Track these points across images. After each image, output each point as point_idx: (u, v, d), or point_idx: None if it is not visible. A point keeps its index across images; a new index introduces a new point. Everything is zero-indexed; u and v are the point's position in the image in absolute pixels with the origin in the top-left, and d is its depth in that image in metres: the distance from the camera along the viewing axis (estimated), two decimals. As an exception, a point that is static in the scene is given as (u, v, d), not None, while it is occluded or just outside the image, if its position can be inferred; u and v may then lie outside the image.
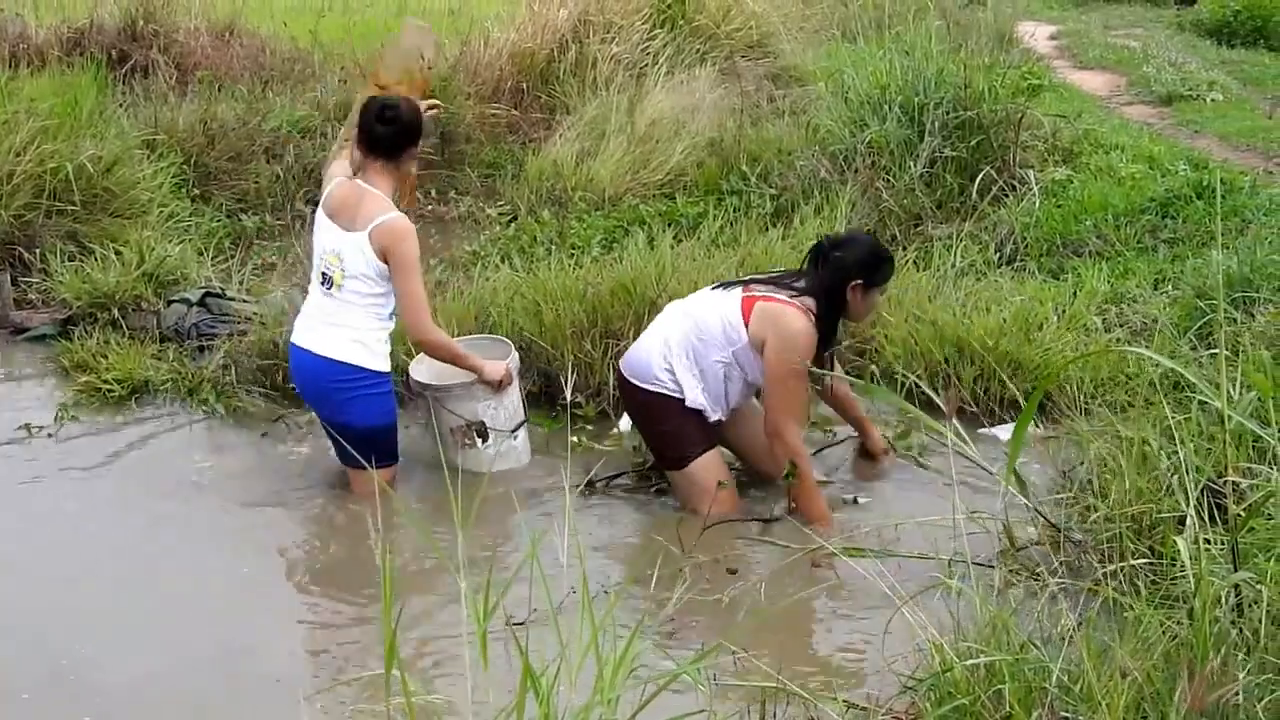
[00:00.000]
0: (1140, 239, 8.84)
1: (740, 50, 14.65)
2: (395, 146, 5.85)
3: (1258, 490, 4.05)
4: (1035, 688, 3.57)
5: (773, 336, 5.74)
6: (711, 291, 6.09)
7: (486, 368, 6.17)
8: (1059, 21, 24.23)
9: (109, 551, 5.69)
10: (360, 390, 5.91)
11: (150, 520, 6.00)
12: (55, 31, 13.16)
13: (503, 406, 6.33)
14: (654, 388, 5.94)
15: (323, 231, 5.96)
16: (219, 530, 5.91)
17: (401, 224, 5.78)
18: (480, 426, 6.28)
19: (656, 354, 5.93)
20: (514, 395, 6.42)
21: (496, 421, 6.31)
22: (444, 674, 4.61)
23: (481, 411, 6.28)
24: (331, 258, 5.88)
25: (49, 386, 7.48)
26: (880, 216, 9.68)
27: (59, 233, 8.92)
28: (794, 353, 5.68)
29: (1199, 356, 6.21)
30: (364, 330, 5.89)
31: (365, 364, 5.89)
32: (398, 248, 5.73)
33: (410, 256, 5.77)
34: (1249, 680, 3.28)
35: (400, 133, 5.83)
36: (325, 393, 6.00)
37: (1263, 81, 16.80)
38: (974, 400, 6.90)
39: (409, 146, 5.87)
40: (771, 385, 5.81)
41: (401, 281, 5.78)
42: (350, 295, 5.86)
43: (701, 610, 4.99)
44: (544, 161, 11.19)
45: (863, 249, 5.96)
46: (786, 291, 5.84)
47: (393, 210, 5.80)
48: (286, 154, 11.23)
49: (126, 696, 4.61)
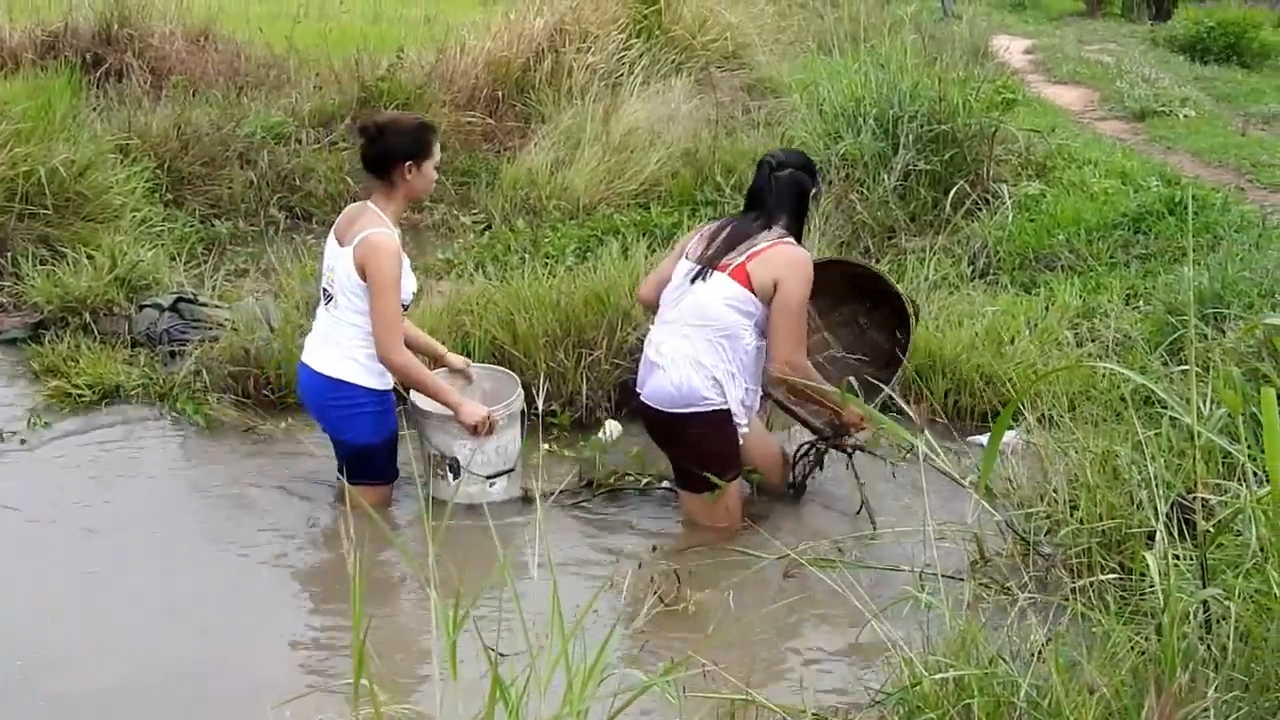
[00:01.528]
0: (1112, 254, 8.88)
1: (716, 61, 14.69)
2: (382, 165, 5.80)
3: (1227, 506, 4.06)
4: (1004, 702, 3.57)
5: (785, 273, 5.67)
6: (688, 289, 5.85)
7: (464, 408, 5.92)
8: (1033, 36, 24.38)
9: (76, 557, 5.65)
10: (354, 407, 5.86)
11: (119, 528, 5.96)
12: (29, 34, 13.14)
13: (483, 450, 6.01)
14: (701, 408, 5.78)
15: (327, 248, 5.97)
16: (189, 538, 5.88)
17: (382, 240, 5.67)
18: (453, 463, 6.02)
19: (697, 377, 5.74)
20: (502, 441, 6.08)
21: (472, 463, 6.00)
22: (414, 684, 4.61)
23: (458, 449, 6.00)
24: (329, 273, 5.87)
25: (18, 390, 7.45)
26: (854, 229, 9.71)
27: (31, 236, 8.90)
28: (808, 280, 5.69)
29: (1170, 372, 6.24)
30: (356, 348, 5.82)
31: (359, 381, 5.82)
32: (374, 263, 5.64)
33: (385, 274, 5.64)
34: (1217, 697, 3.29)
35: (384, 152, 5.78)
36: (323, 409, 5.97)
37: (1235, 98, 16.92)
38: (946, 413, 6.92)
39: (397, 163, 5.76)
40: (786, 319, 5.69)
41: (373, 298, 5.67)
42: (343, 312, 5.81)
43: (671, 621, 4.99)
44: (519, 170, 11.21)
45: (801, 158, 6.06)
46: (760, 237, 5.80)
47: (382, 227, 5.72)
48: (260, 160, 11.23)
49: (92, 703, 4.59)
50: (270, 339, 7.32)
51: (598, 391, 7.13)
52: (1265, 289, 7.00)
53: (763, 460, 6.20)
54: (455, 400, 5.92)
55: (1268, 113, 15.37)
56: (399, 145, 5.77)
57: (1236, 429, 4.21)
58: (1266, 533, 3.73)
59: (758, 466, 6.20)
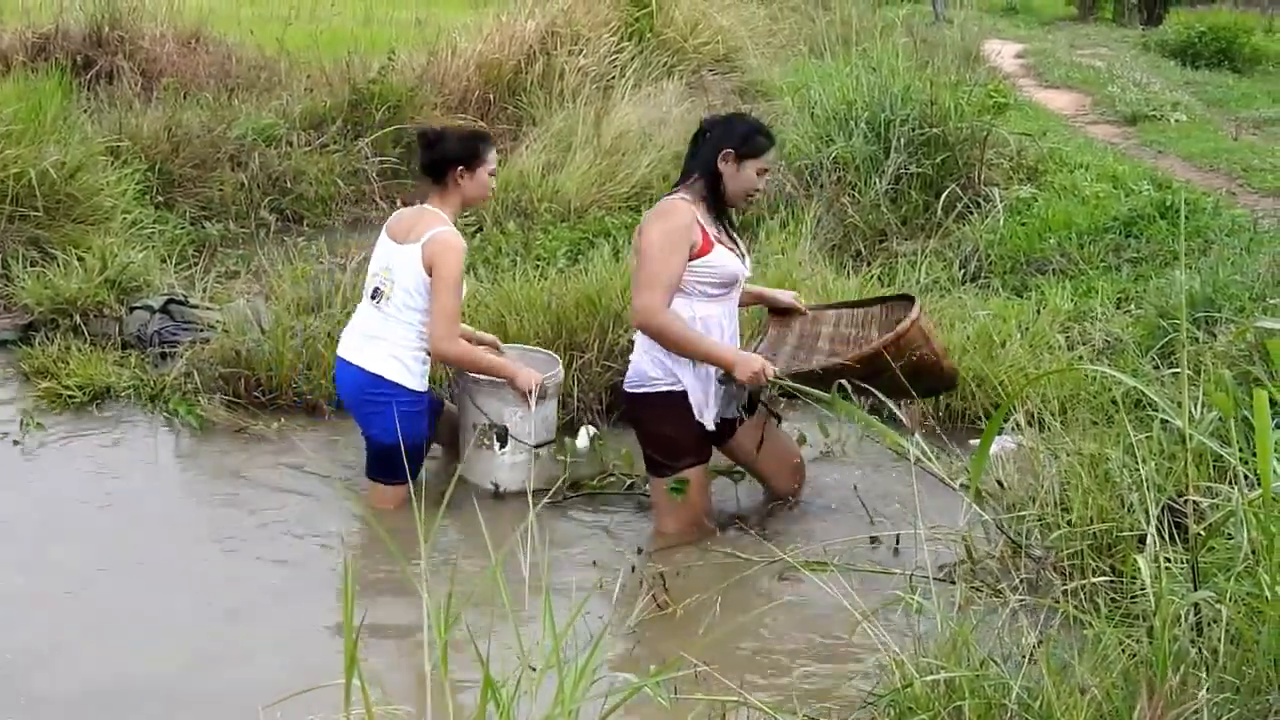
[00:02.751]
0: (1104, 258, 8.89)
1: (708, 64, 14.73)
2: (437, 169, 6.06)
3: (1218, 510, 4.07)
4: (995, 704, 3.57)
5: (648, 221, 5.69)
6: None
7: (520, 375, 6.10)
8: (1025, 40, 24.45)
9: (66, 557, 5.64)
10: (389, 405, 5.96)
11: (110, 528, 5.97)
12: (20, 36, 13.15)
13: (530, 418, 6.16)
14: (649, 389, 5.78)
15: (379, 248, 6.15)
16: (181, 538, 5.88)
17: (451, 239, 5.93)
18: (502, 430, 6.18)
19: (646, 358, 5.76)
20: (545, 412, 6.30)
21: (520, 431, 6.17)
22: (406, 684, 4.60)
23: (508, 416, 6.17)
24: (384, 272, 6.03)
25: (9, 392, 7.44)
26: (845, 232, 9.72)
27: (21, 238, 8.89)
28: (664, 218, 5.60)
29: (1161, 375, 6.24)
30: (402, 346, 5.98)
31: (398, 379, 5.97)
32: (443, 259, 5.86)
33: (453, 270, 5.87)
34: (1208, 699, 3.29)
35: (439, 157, 6.05)
36: (357, 403, 6.10)
37: (1226, 103, 16.96)
38: (937, 416, 6.93)
39: (450, 167, 6.03)
40: (640, 257, 5.64)
41: (439, 293, 5.88)
42: (396, 309, 5.98)
43: (662, 623, 4.99)
44: (510, 173, 11.20)
45: (733, 121, 5.98)
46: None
47: (448, 226, 5.98)
48: (251, 162, 11.24)
49: (81, 702, 4.58)
50: (261, 341, 7.31)
51: (589, 394, 7.12)
52: (1256, 293, 7.00)
53: (774, 464, 6.19)
54: (512, 370, 6.13)
55: (1259, 117, 15.41)
56: (452, 150, 6.06)
57: (1228, 432, 4.21)
58: (1258, 535, 3.73)
59: (767, 469, 6.20)
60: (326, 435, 6.99)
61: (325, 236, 10.32)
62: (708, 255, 5.64)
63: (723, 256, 5.69)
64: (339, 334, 6.34)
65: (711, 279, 5.68)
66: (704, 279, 5.67)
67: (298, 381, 7.23)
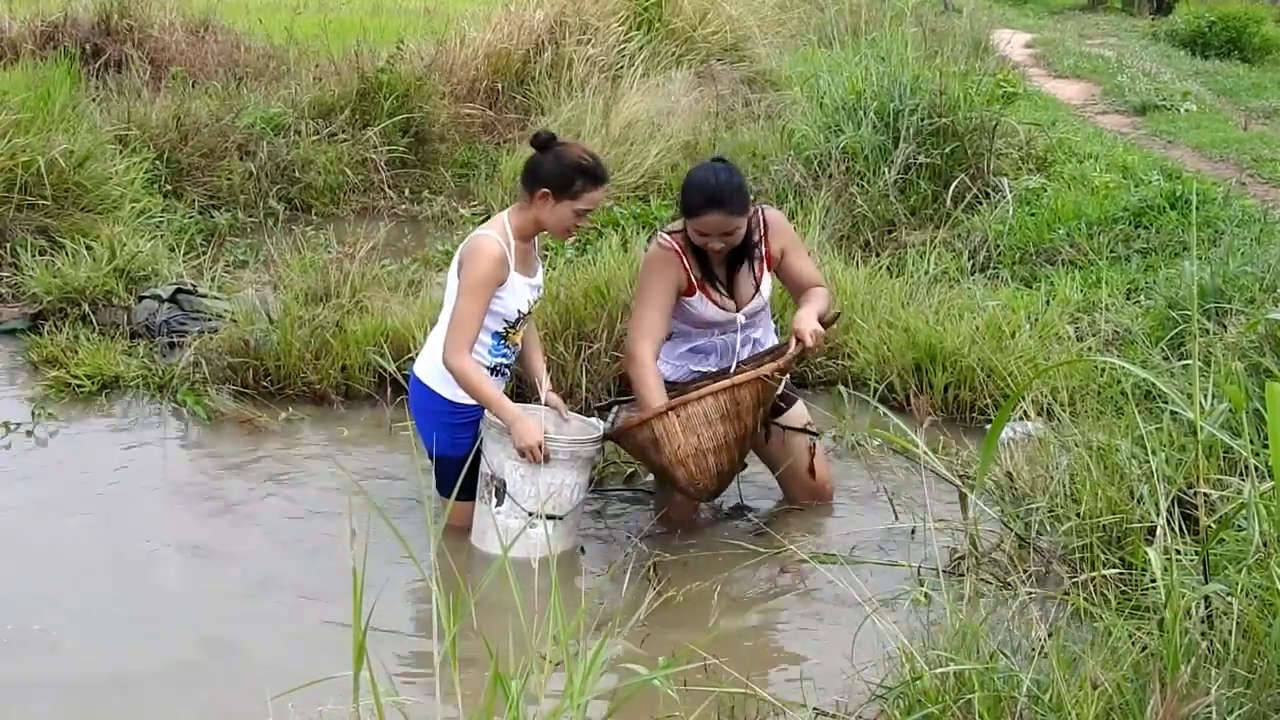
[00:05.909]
0: (1113, 248, 8.86)
1: (716, 54, 14.69)
2: (529, 177, 5.58)
3: (1229, 502, 4.06)
4: (1005, 697, 3.56)
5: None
6: None
7: (518, 424, 5.40)
8: (1034, 30, 24.40)
9: (75, 546, 5.64)
10: (433, 415, 5.69)
11: (119, 517, 5.97)
12: (29, 25, 13.17)
13: (534, 481, 5.45)
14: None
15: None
16: (189, 528, 5.88)
17: (484, 243, 5.48)
18: (500, 485, 5.53)
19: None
20: (557, 480, 5.48)
21: (518, 492, 5.47)
22: (415, 676, 4.60)
23: (508, 471, 5.48)
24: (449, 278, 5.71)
25: (19, 382, 7.45)
26: (854, 222, 9.69)
27: (30, 227, 8.90)
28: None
29: (1171, 367, 6.22)
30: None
31: (440, 390, 5.62)
32: (470, 262, 5.45)
33: (478, 274, 5.42)
34: (1220, 693, 3.28)
35: (536, 167, 5.56)
36: (414, 413, 5.84)
37: (1236, 93, 16.92)
38: (946, 407, 6.92)
39: (538, 183, 5.51)
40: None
41: (458, 295, 5.48)
42: (445, 314, 5.63)
43: (670, 616, 4.97)
44: (518, 162, 11.08)
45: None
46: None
47: (493, 231, 5.53)
48: (260, 151, 11.23)
49: (90, 693, 4.58)
50: (269, 330, 7.31)
51: (597, 384, 7.11)
52: (1267, 284, 6.97)
53: (796, 490, 6.14)
54: (511, 415, 5.44)
55: (1269, 108, 15.37)
56: (547, 170, 5.51)
57: (1239, 424, 4.20)
58: (1269, 528, 3.72)
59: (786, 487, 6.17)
60: (334, 425, 6.98)
61: (334, 226, 10.32)
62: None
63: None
64: (347, 324, 6.27)
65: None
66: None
67: (306, 371, 7.22)
